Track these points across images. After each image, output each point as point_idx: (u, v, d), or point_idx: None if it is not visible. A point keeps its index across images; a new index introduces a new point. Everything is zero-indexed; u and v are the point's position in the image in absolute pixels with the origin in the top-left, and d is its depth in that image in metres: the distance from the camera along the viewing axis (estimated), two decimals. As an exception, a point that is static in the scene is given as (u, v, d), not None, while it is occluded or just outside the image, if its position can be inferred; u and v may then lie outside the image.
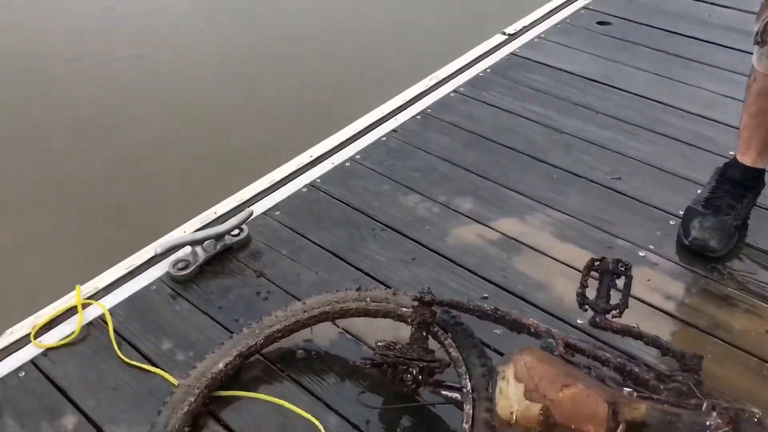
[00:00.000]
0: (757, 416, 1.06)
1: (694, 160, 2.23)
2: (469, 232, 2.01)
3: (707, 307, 1.76)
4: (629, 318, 1.39)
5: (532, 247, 1.95)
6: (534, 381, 0.91)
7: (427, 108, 2.55)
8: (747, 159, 1.91)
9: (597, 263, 1.45)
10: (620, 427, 0.88)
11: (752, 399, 1.52)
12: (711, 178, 2.00)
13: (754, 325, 1.70)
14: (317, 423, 1.51)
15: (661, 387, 1.20)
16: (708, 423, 0.86)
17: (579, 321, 1.70)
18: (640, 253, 1.91)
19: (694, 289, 1.81)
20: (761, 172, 1.94)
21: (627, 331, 1.41)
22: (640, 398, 1.03)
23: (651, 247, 1.93)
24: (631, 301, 1.74)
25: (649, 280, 1.83)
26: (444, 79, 2.73)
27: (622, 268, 1.43)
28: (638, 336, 1.41)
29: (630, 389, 1.03)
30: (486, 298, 1.80)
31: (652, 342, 1.40)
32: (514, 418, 0.92)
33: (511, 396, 0.93)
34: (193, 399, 1.50)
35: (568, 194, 2.13)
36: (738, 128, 1.95)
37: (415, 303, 1.46)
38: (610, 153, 2.28)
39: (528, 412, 0.91)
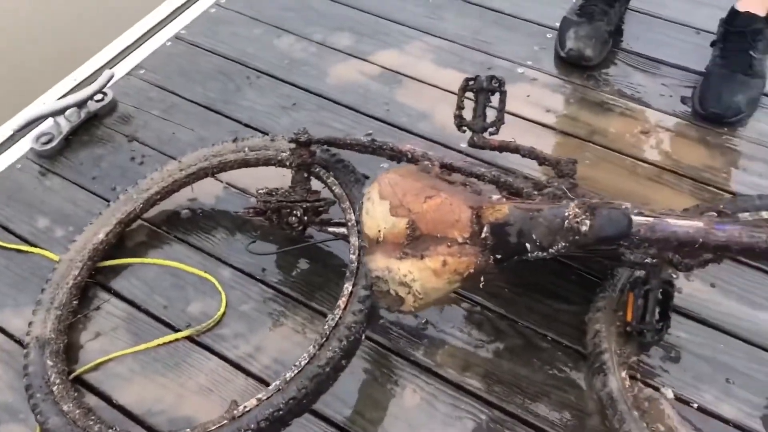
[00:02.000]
0: (624, 206, 1.11)
1: (569, -31, 2.18)
2: (349, 69, 1.94)
3: (585, 115, 1.79)
4: (512, 135, 1.39)
5: (413, 78, 1.91)
6: (398, 197, 0.90)
7: (294, -59, 2.37)
8: (617, -40, 1.88)
9: (471, 82, 1.42)
10: (485, 228, 0.90)
11: (628, 195, 1.60)
12: (585, -16, 1.96)
13: (629, 127, 1.75)
14: (211, 278, 1.49)
15: (535, 193, 1.23)
16: (566, 213, 0.88)
17: (462, 145, 1.70)
18: (519, 70, 1.90)
19: (572, 100, 1.83)
20: (632, -27, 1.92)
21: (504, 147, 1.42)
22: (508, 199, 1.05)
23: (529, 62, 1.92)
24: (512, 118, 1.79)
25: (528, 95, 1.84)
26: None
27: (496, 84, 1.41)
28: (515, 149, 1.42)
29: (499, 196, 1.04)
30: (370, 134, 1.77)
31: (529, 153, 1.41)
32: (382, 235, 0.91)
33: (377, 215, 0.92)
34: (77, 272, 1.45)
35: (445, 18, 2.06)
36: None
37: (292, 145, 1.42)
38: (486, -29, 2.20)
39: (394, 229, 0.91)
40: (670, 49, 1.92)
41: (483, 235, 0.90)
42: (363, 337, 1.19)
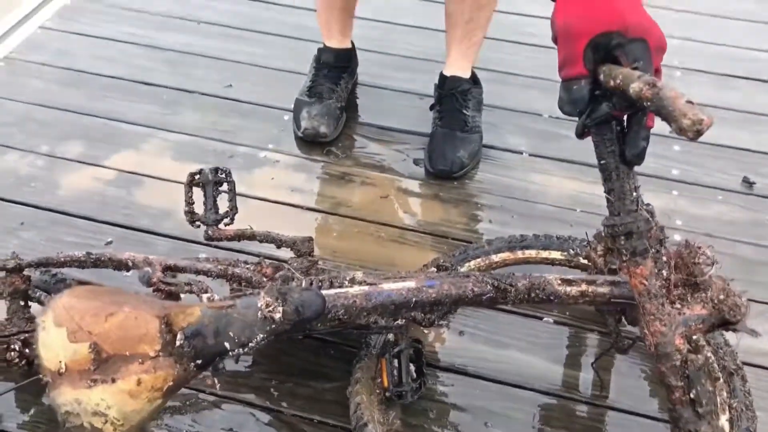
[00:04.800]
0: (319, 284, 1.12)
1: (299, 52, 2.24)
2: (82, 178, 1.84)
3: (328, 189, 1.83)
4: (259, 220, 1.38)
5: (153, 177, 1.85)
6: (76, 321, 0.84)
7: (12, 51, 2.24)
8: (333, 42, 1.98)
9: (197, 176, 1.40)
10: (178, 336, 0.86)
11: (375, 260, 1.64)
12: (311, 66, 2.04)
13: (370, 194, 1.82)
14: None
15: (265, 279, 1.21)
16: (259, 304, 0.87)
17: (210, 238, 1.67)
18: (261, 155, 1.92)
19: (315, 176, 1.87)
20: (350, 51, 2.03)
21: (241, 235, 1.40)
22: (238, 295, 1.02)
23: (270, 146, 1.94)
24: (259, 202, 1.79)
25: (272, 178, 1.85)
26: (28, 14, 2.41)
27: (223, 175, 1.41)
28: (252, 237, 1.41)
29: (210, 294, 1.01)
30: (110, 242, 1.67)
31: (265, 238, 1.41)
32: (64, 366, 0.84)
33: (54, 345, 0.85)
34: None
35: (181, 113, 2.04)
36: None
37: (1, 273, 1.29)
38: (218, 62, 2.22)
39: (77, 356, 0.84)
40: (400, 116, 2.04)
41: (178, 343, 0.86)
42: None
